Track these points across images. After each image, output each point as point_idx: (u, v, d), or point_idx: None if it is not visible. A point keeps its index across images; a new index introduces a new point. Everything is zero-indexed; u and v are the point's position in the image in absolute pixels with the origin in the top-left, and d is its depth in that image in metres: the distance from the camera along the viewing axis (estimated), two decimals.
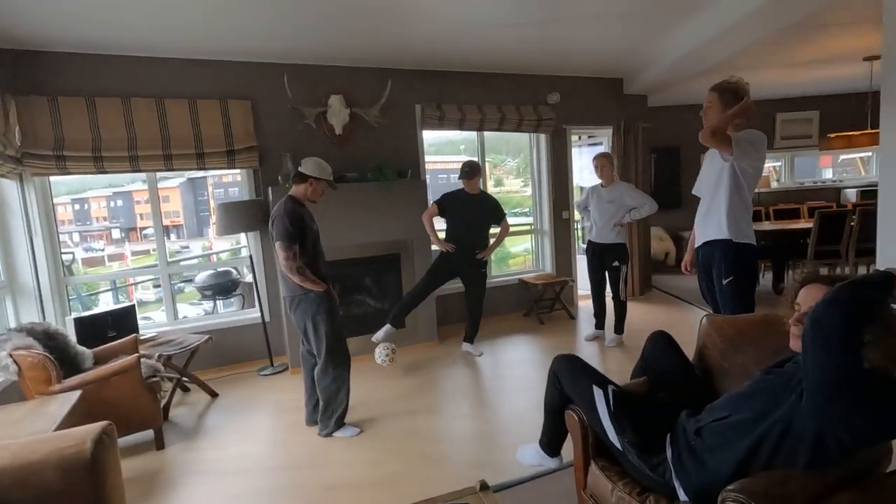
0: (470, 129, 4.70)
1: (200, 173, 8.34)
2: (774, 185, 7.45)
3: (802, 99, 6.89)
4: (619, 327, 4.08)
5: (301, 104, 3.91)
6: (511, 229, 4.18)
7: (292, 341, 3.72)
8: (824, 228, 4.98)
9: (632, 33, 3.97)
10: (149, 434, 2.79)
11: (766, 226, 5.71)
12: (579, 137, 5.75)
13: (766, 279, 5.54)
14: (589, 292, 4.26)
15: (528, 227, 5.49)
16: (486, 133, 4.92)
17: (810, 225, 5.08)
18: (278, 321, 4.04)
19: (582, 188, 5.44)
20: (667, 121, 6.47)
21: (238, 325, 4.06)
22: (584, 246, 4.26)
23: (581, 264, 5.06)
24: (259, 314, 3.98)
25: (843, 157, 7.99)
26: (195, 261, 7.96)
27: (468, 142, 5.14)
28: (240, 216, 3.69)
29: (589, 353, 3.95)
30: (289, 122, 3.96)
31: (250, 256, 4.02)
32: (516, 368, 3.77)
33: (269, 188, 3.70)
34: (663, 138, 6.47)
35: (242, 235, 4.15)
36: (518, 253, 6.60)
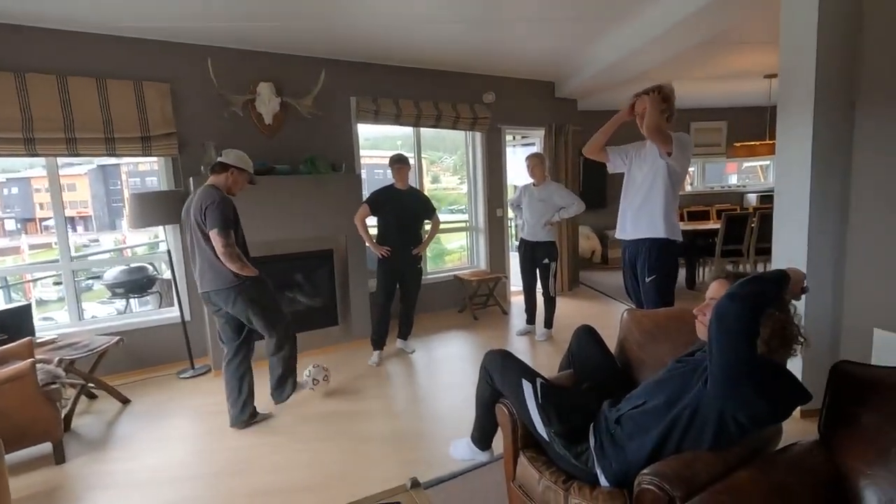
0: (406, 124, 4.66)
1: (112, 160, 7.65)
2: (689, 188, 8.06)
3: (713, 110, 7.50)
4: (548, 322, 4.23)
5: (227, 91, 3.68)
6: (447, 226, 4.19)
7: (215, 341, 3.51)
8: (730, 229, 5.46)
9: (562, 40, 4.12)
10: (47, 447, 2.53)
11: (681, 226, 6.14)
12: (513, 137, 5.89)
13: (680, 275, 5.97)
14: (521, 288, 4.38)
15: (463, 225, 5.55)
16: (422, 129, 4.91)
17: (718, 226, 5.55)
18: (199, 320, 3.80)
19: (515, 187, 5.58)
20: (595, 125, 6.74)
21: (155, 325, 3.78)
22: (517, 243, 4.37)
23: (514, 261, 5.20)
24: (178, 313, 3.72)
25: (746, 164, 8.79)
26: (106, 255, 7.28)
27: (405, 137, 5.10)
28: (157, 208, 3.42)
29: (520, 347, 4.07)
30: (213, 108, 3.72)
31: (168, 251, 3.74)
32: (449, 364, 3.80)
33: (191, 178, 3.46)
34: None
35: (160, 229, 3.85)
36: (453, 249, 6.66)
